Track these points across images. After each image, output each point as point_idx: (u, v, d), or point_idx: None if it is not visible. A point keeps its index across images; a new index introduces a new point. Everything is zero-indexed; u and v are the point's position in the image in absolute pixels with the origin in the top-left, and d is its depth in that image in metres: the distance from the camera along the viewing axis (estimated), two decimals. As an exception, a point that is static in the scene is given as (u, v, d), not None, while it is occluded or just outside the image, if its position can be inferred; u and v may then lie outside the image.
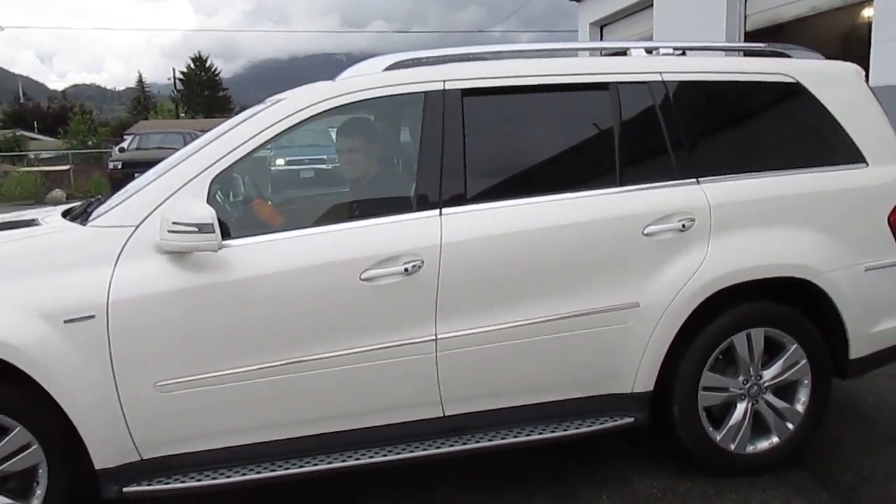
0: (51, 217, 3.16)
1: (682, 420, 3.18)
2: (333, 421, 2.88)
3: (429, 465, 3.29)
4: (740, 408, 3.24)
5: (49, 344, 2.54)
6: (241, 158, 2.83)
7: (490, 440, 3.00)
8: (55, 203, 19.57)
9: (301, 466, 2.83)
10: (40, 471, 2.69)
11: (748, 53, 3.62)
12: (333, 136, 3.65)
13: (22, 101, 60.75)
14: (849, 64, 3.51)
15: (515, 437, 3.01)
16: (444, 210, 2.90)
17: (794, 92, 3.31)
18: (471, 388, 2.97)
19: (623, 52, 3.42)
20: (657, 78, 3.20)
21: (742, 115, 3.37)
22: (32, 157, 32.62)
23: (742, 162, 3.24)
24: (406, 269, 2.78)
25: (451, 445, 2.96)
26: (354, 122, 3.38)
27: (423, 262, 2.80)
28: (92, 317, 2.57)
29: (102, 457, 2.68)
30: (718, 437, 3.22)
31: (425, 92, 2.97)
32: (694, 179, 3.15)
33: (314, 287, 2.75)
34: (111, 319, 2.58)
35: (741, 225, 3.14)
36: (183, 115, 55.19)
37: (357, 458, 2.87)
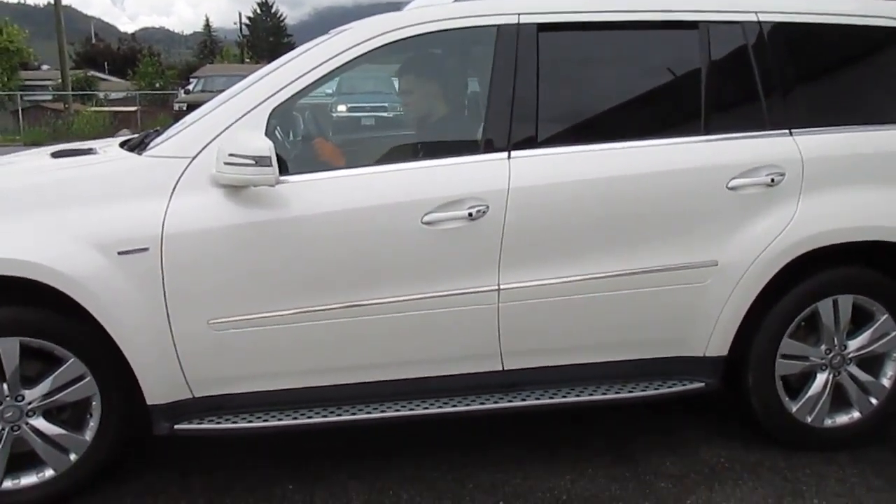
0: (108, 147, 3.09)
1: (757, 388, 2.98)
2: (388, 369, 2.78)
3: (484, 420, 3.18)
4: (820, 378, 3.02)
5: (103, 275, 2.48)
6: (302, 90, 2.68)
7: (550, 398, 2.86)
8: (122, 142, 20.00)
9: (353, 414, 2.75)
10: (94, 403, 2.67)
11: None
12: (396, 82, 3.47)
13: (94, 42, 61.91)
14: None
15: (577, 396, 2.87)
16: (513, 153, 2.72)
17: (902, 37, 3.00)
18: (532, 342, 2.83)
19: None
20: (752, 18, 2.93)
21: (845, 61, 3.07)
22: (102, 96, 33.34)
23: (842, 113, 2.96)
24: (470, 214, 2.63)
25: (509, 401, 2.83)
26: (419, 58, 3.19)
27: (488, 207, 2.64)
28: (146, 249, 2.50)
29: (154, 392, 2.63)
30: (794, 409, 3.02)
31: (498, 25, 2.76)
32: (786, 130, 2.89)
33: (373, 228, 2.62)
34: (165, 253, 2.50)
35: (837, 182, 2.88)
36: (248, 60, 55.52)
37: (411, 409, 2.77)
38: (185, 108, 18.89)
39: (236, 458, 3.01)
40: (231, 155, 2.44)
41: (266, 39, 68.95)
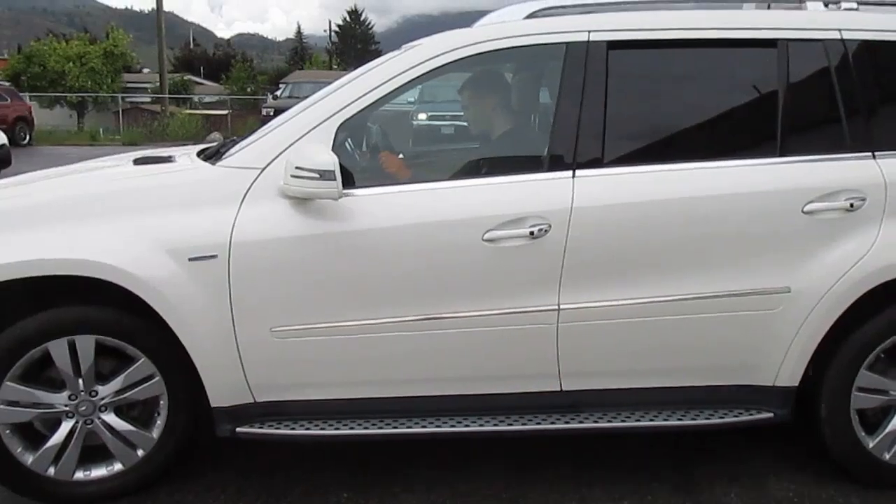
0: (186, 155, 3.22)
1: (830, 421, 2.85)
2: (446, 384, 2.79)
3: (541, 439, 3.14)
4: (901, 414, 2.87)
5: (174, 280, 2.57)
6: (370, 105, 2.72)
7: (609, 421, 2.80)
8: (213, 143, 20.76)
9: (409, 427, 2.76)
10: (161, 402, 2.77)
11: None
12: (463, 97, 3.48)
13: (191, 47, 64.54)
14: None
15: (638, 420, 2.81)
16: (578, 172, 2.69)
17: None
18: (592, 364, 2.78)
19: (798, 5, 3.02)
20: (835, 35, 2.81)
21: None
22: (196, 100, 34.70)
23: (932, 135, 2.80)
24: (532, 233, 2.61)
25: (567, 422, 2.79)
26: (484, 74, 3.19)
27: (550, 226, 2.61)
28: (215, 256, 2.58)
29: (218, 395, 2.72)
30: (871, 444, 2.87)
31: (567, 43, 2.74)
32: (869, 153, 2.76)
33: (434, 244, 2.63)
34: (232, 260, 2.58)
35: (924, 208, 2.73)
36: (336, 66, 56.77)
37: (467, 426, 2.76)
38: (272, 113, 19.44)
39: (294, 463, 3.07)
40: (298, 168, 2.49)
41: (354, 46, 70.21)
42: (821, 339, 2.76)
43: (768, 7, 3.05)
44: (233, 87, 36.42)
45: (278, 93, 23.97)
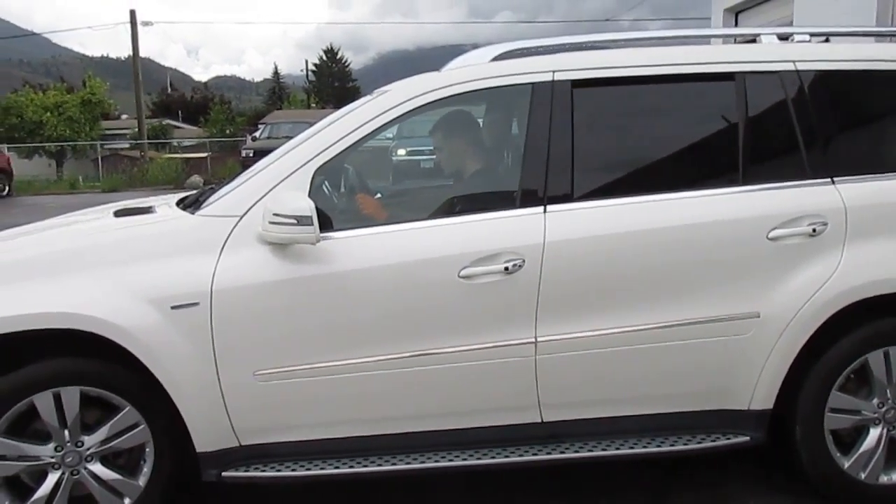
0: (166, 205, 3.27)
1: (805, 443, 2.91)
2: (428, 420, 2.83)
3: (523, 470, 3.18)
4: (874, 433, 2.93)
5: (157, 329, 2.61)
6: (344, 150, 2.81)
7: (590, 450, 2.85)
8: (193, 187, 20.77)
9: (395, 464, 2.80)
10: (147, 450, 2.79)
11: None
12: (434, 138, 3.58)
13: (169, 91, 64.77)
14: None
15: (617, 449, 2.85)
16: (549, 207, 2.77)
17: (949, 82, 2.95)
18: (571, 394, 2.84)
19: (753, 39, 3.16)
20: (790, 67, 2.93)
21: (887, 107, 3.04)
22: (175, 144, 34.77)
23: (885, 160, 2.92)
24: (506, 269, 2.68)
25: (549, 453, 2.84)
26: (455, 115, 3.29)
27: (524, 261, 2.68)
28: (196, 304, 2.63)
29: (203, 441, 2.74)
30: (847, 464, 2.93)
31: (533, 83, 2.84)
32: (828, 179, 2.87)
33: (411, 283, 2.70)
34: (214, 307, 2.63)
35: (882, 230, 2.83)
36: (314, 105, 57.13)
37: (451, 460, 2.80)
38: (251, 155, 19.60)
39: (282, 502, 3.09)
40: (275, 214, 2.56)
41: (332, 84, 70.82)
42: (792, 362, 2.84)
43: (723, 43, 3.18)
44: (212, 130, 36.46)
45: (257, 134, 24.10)
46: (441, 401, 2.81)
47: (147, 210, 3.19)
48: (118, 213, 3.17)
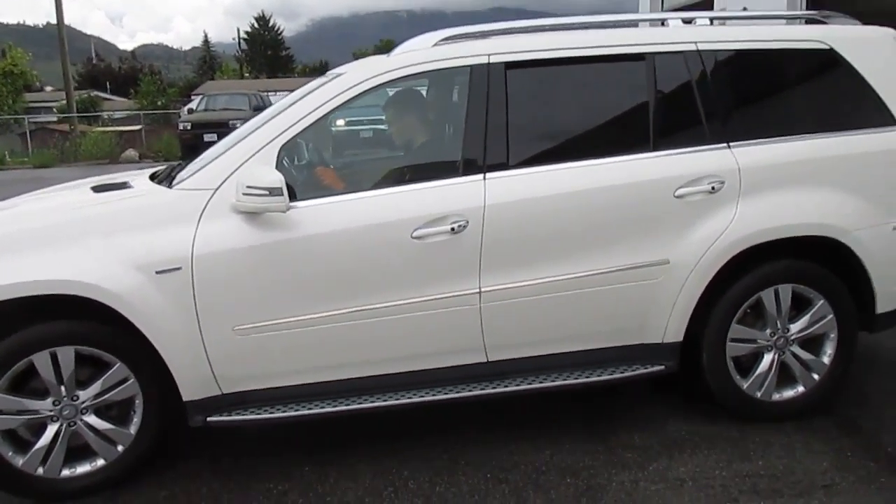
0: (140, 180, 3.56)
1: (711, 368, 3.41)
2: (388, 364, 3.22)
3: (474, 407, 3.64)
4: (767, 358, 3.46)
5: (144, 292, 2.93)
6: (305, 128, 3.15)
7: (530, 384, 3.29)
8: (128, 162, 20.50)
9: (360, 403, 3.18)
10: (136, 401, 3.11)
11: (789, 22, 3.74)
12: (384, 114, 3.94)
13: (94, 61, 62.63)
14: (886, 28, 3.61)
15: (553, 381, 3.30)
16: (488, 175, 3.17)
17: (826, 58, 3.45)
18: (512, 336, 3.27)
19: (661, 23, 3.59)
20: (692, 48, 3.38)
21: (775, 81, 3.52)
22: (106, 117, 33.91)
23: (773, 126, 3.41)
24: (452, 229, 3.08)
25: (495, 388, 3.27)
26: (404, 94, 3.65)
27: (467, 222, 3.09)
28: (179, 268, 2.95)
29: (189, 390, 3.08)
30: (745, 385, 3.45)
31: (471, 66, 3.22)
32: (725, 144, 3.34)
33: (371, 244, 3.07)
34: (195, 271, 2.96)
35: (770, 187, 3.32)
36: (247, 74, 56.13)
37: (410, 398, 3.20)
38: (188, 128, 19.39)
39: (259, 447, 3.47)
40: (248, 187, 2.89)
41: (264, 53, 69.51)
42: (697, 301, 3.33)
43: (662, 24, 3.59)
44: (142, 102, 35.64)
45: (192, 105, 23.76)
46: (399, 347, 3.20)
47: (123, 185, 3.47)
48: (97, 189, 3.44)
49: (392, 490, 3.08)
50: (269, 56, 69.31)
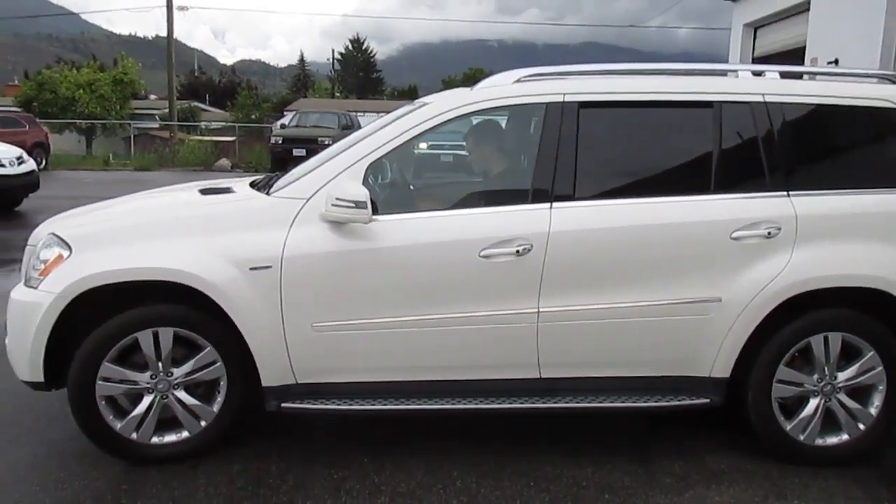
0: (241, 186, 3.96)
1: (755, 407, 3.55)
2: (448, 371, 3.49)
3: (523, 420, 3.87)
4: (812, 403, 3.57)
5: (238, 285, 3.30)
6: (391, 150, 3.48)
7: (578, 403, 3.50)
8: (221, 170, 21.53)
9: (419, 405, 3.46)
10: (221, 383, 3.48)
11: (859, 80, 3.88)
12: (465, 143, 4.25)
13: (196, 74, 65.75)
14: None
15: (600, 402, 3.51)
16: (555, 204, 3.43)
17: (889, 116, 3.58)
18: (565, 356, 3.49)
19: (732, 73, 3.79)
20: (759, 99, 3.57)
21: (837, 135, 3.67)
22: (203, 126, 35.62)
23: (832, 178, 3.55)
24: (518, 251, 3.34)
25: (545, 403, 3.50)
26: (485, 124, 3.95)
27: (532, 245, 3.34)
28: (270, 267, 3.31)
29: (268, 377, 3.42)
30: (789, 427, 3.57)
31: (547, 103, 3.50)
32: (784, 192, 3.50)
33: (442, 259, 3.37)
34: (283, 270, 3.31)
35: (825, 236, 3.46)
36: (338, 94, 57.91)
37: (466, 405, 3.46)
38: (280, 142, 20.29)
39: (325, 436, 3.78)
40: (337, 199, 3.24)
41: (356, 74, 71.59)
42: (746, 340, 3.48)
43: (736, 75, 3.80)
44: (238, 114, 37.39)
45: (285, 121, 24.80)
46: (459, 356, 3.47)
47: (227, 190, 3.88)
48: (203, 192, 3.86)
49: (441, 487, 3.33)
50: (360, 77, 71.34)
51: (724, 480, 3.46)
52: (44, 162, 21.36)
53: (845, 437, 3.60)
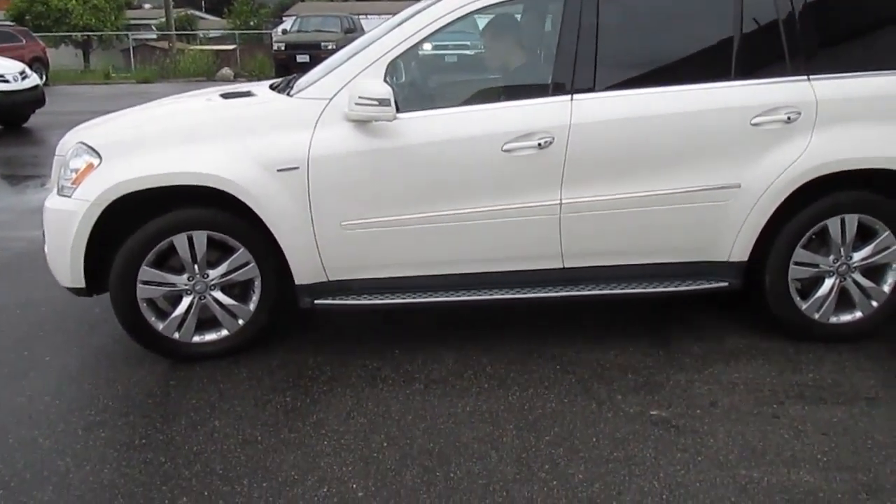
0: (261, 89, 3.98)
1: (773, 288, 3.66)
2: (475, 264, 3.60)
3: (548, 308, 4.03)
4: (828, 283, 3.68)
5: (267, 187, 3.37)
6: (411, 47, 3.48)
7: (601, 290, 3.63)
8: (224, 80, 21.24)
9: (447, 297, 3.59)
10: (255, 283, 3.60)
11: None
12: (479, 22, 4.22)
13: (190, -20, 63.78)
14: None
15: (622, 289, 3.63)
16: (576, 96, 3.44)
17: (914, -4, 3.54)
18: (587, 246, 3.59)
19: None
20: (781, -19, 3.52)
21: (859, 16, 3.63)
22: (202, 36, 34.89)
23: (853, 61, 3.54)
24: (539, 144, 3.39)
25: (568, 292, 3.62)
26: (501, 18, 3.92)
27: (553, 138, 3.39)
28: (297, 168, 3.37)
29: (301, 275, 3.55)
30: (804, 307, 3.69)
31: (566, -8, 3.46)
32: (805, 76, 3.50)
33: (465, 154, 3.42)
34: (311, 171, 3.37)
35: (844, 119, 3.48)
36: (337, -4, 56.16)
37: (492, 295, 3.59)
38: (283, 48, 19.95)
39: (357, 331, 3.95)
40: (361, 97, 3.26)
41: (354, -25, 69.18)
42: (764, 224, 3.56)
43: None
44: (236, 21, 36.52)
45: (285, 26, 24.29)
46: (485, 249, 3.56)
47: (248, 94, 3.90)
48: (225, 96, 3.89)
49: (472, 373, 3.50)
50: (359, -22, 68.96)
51: (742, 358, 3.61)
52: (44, 77, 21.09)
53: (859, 314, 3.73)
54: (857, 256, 3.66)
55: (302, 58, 18.46)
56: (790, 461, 2.81)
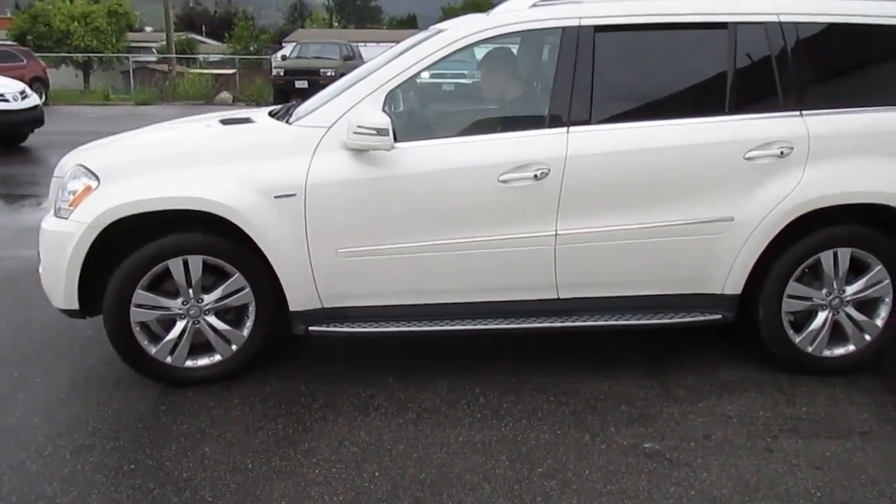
0: (260, 116, 4.01)
1: (766, 321, 3.68)
2: (470, 293, 3.60)
3: (543, 339, 4.01)
4: (821, 316, 3.70)
5: (263, 213, 3.38)
6: (409, 78, 3.52)
7: (596, 321, 3.63)
8: (222, 104, 21.36)
9: (442, 326, 3.59)
10: (250, 308, 3.60)
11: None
12: (476, 53, 4.27)
13: (192, 4, 64.39)
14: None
15: (617, 321, 3.63)
16: (571, 129, 3.47)
17: (902, 34, 3.59)
18: (582, 277, 3.60)
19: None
20: (774, 19, 3.57)
21: (851, 53, 3.68)
22: (202, 59, 35.12)
23: (845, 97, 3.59)
24: (536, 175, 3.41)
25: (563, 322, 3.63)
26: (499, 51, 3.97)
27: (549, 170, 3.41)
28: (294, 195, 3.39)
29: (295, 301, 3.55)
30: (798, 340, 3.70)
31: (563, 27, 3.51)
32: (797, 112, 3.54)
33: (462, 184, 3.44)
34: (308, 198, 3.39)
35: (836, 154, 3.52)
36: (336, 24, 56.81)
37: (486, 325, 3.59)
38: (282, 73, 20.08)
39: (350, 358, 3.94)
40: (359, 126, 3.29)
41: (353, 3, 70.04)
42: (758, 258, 3.58)
43: None
44: (236, 46, 36.79)
45: (285, 52, 24.48)
46: (480, 279, 3.57)
47: (247, 120, 3.93)
48: (224, 122, 3.91)
49: (465, 402, 3.49)
50: (357, 6, 69.83)
51: (736, 390, 3.61)
52: (44, 97, 21.17)
53: (851, 347, 3.74)
54: (850, 290, 3.68)
55: (301, 83, 18.61)
56: (784, 496, 2.80)
